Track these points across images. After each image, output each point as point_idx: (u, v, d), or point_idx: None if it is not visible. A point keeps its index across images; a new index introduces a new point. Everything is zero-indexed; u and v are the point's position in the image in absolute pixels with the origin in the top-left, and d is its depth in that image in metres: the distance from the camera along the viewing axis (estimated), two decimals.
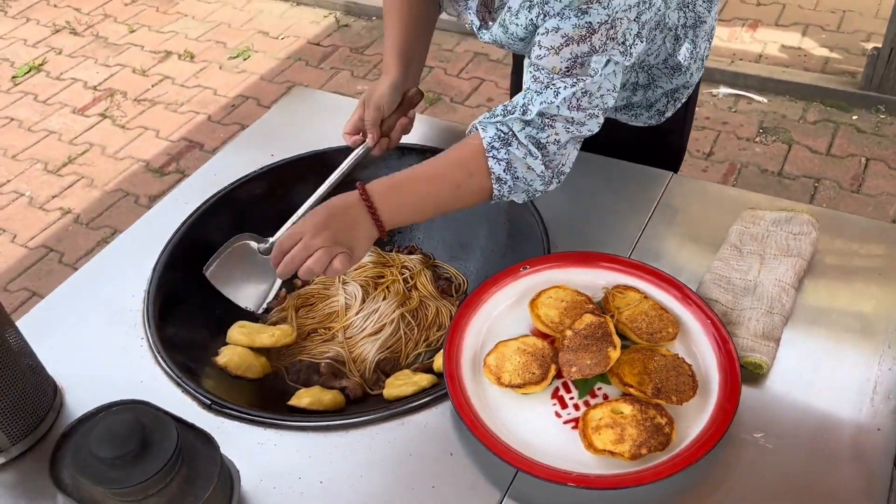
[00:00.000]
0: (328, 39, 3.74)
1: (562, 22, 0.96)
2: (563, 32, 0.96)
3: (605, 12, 0.93)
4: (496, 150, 1.01)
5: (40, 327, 1.07)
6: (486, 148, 1.01)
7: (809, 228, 1.08)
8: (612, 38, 0.95)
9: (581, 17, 0.94)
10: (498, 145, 1.01)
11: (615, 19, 0.94)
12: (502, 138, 1.01)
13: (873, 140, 2.82)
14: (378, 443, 0.92)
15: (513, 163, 1.01)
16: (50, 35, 4.00)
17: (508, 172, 1.01)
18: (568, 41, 0.96)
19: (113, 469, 0.78)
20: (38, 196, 2.95)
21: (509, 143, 1.01)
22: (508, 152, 1.01)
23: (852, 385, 0.92)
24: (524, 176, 1.02)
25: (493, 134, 1.01)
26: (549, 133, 1.00)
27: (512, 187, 1.03)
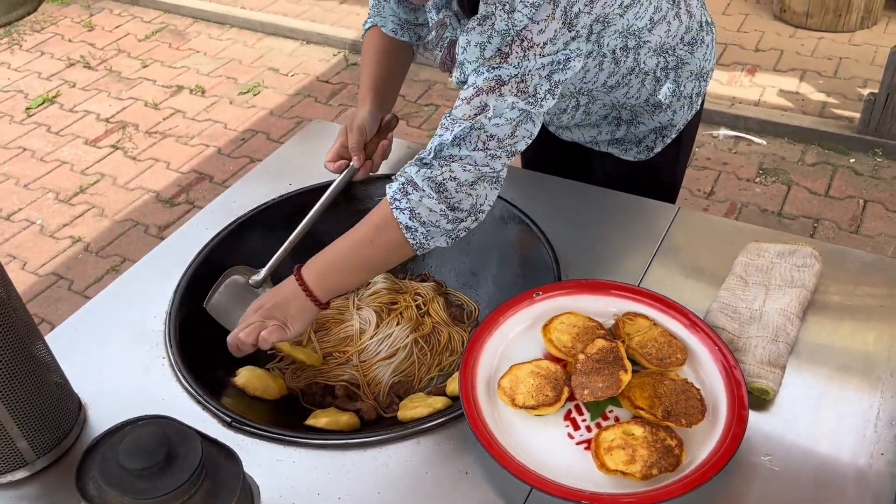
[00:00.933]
0: (337, 77, 3.83)
1: (476, 77, 1.02)
2: (476, 86, 1.01)
3: (516, 70, 0.99)
4: (398, 200, 1.05)
5: (66, 346, 1.09)
6: (389, 201, 1.06)
7: (812, 261, 1.12)
8: (522, 90, 1.00)
9: (492, 71, 1.00)
10: (399, 196, 1.05)
11: (525, 75, 0.99)
12: (402, 189, 1.06)
13: (871, 182, 2.88)
14: (395, 461, 0.94)
15: (415, 209, 1.04)
16: (64, 68, 4.09)
17: (415, 220, 1.05)
18: (478, 91, 1.01)
19: (139, 480, 0.80)
20: (49, 224, 3.00)
21: (407, 191, 1.05)
22: (409, 200, 1.05)
23: (856, 411, 0.95)
24: (430, 219, 1.05)
25: (396, 187, 1.07)
26: (443, 171, 1.03)
27: (425, 233, 1.06)
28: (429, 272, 1.36)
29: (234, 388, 1.11)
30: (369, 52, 1.38)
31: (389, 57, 1.38)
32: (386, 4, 1.33)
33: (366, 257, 1.10)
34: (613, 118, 1.31)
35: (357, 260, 1.10)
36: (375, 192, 1.38)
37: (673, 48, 1.20)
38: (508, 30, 0.97)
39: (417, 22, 1.35)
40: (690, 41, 1.22)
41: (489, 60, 1.00)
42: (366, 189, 1.38)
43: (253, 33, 4.31)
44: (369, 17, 1.39)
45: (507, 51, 0.98)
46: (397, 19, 1.34)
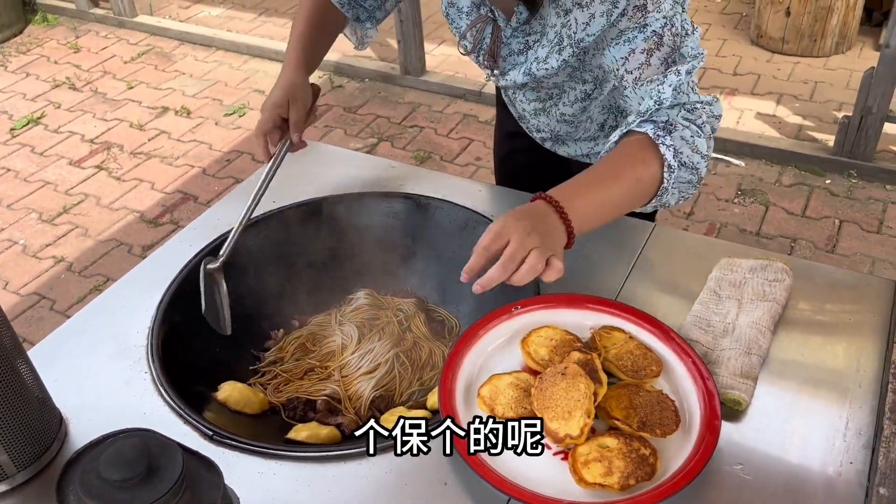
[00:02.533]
0: (322, 99, 3.86)
1: (631, 44, 1.04)
2: (639, 49, 1.03)
3: (661, 16, 1.02)
4: (662, 137, 1.03)
5: (47, 360, 1.10)
6: (653, 137, 1.03)
7: (784, 276, 1.15)
8: (675, 33, 1.04)
9: (644, 30, 1.03)
10: (662, 133, 1.03)
11: (670, 18, 1.03)
12: (664, 127, 1.04)
13: (846, 203, 2.94)
14: (375, 473, 0.95)
15: (679, 148, 1.03)
16: (49, 90, 4.10)
17: (676, 158, 1.04)
18: (649, 53, 1.03)
19: (120, 491, 0.81)
20: (32, 244, 2.99)
21: (671, 129, 1.04)
22: (673, 138, 1.03)
23: (826, 422, 0.98)
24: (689, 161, 1.04)
25: (653, 126, 1.04)
26: (696, 115, 1.06)
27: (675, 179, 1.04)
28: (410, 288, 1.38)
29: (215, 402, 1.12)
30: (307, 13, 1.33)
31: (326, 23, 1.34)
32: None
33: (628, 195, 1.04)
34: (610, 127, 1.34)
35: (619, 197, 1.03)
36: (357, 209, 1.40)
37: None
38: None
39: (362, 3, 1.34)
40: None
41: (631, 19, 1.02)
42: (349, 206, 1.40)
43: (239, 55, 4.34)
44: None
45: (642, 2, 1.01)
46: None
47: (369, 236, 1.40)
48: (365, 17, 1.38)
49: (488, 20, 1.20)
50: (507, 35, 1.20)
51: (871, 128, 2.94)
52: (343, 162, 1.56)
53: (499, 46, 1.22)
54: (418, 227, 1.39)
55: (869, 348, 1.07)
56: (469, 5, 1.22)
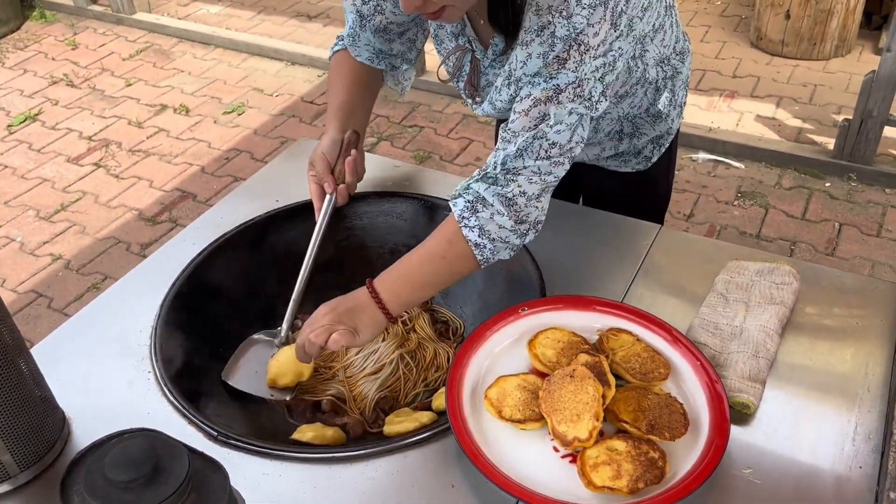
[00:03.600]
0: (321, 98, 3.85)
1: (532, 88, 1.03)
2: (532, 97, 1.03)
3: (574, 75, 1.00)
4: (466, 219, 1.06)
5: (50, 359, 1.09)
6: (458, 219, 1.07)
7: (791, 279, 1.15)
8: (578, 95, 1.02)
9: (549, 81, 1.01)
10: (467, 214, 1.06)
11: (581, 80, 1.01)
12: (470, 206, 1.06)
13: (846, 206, 2.94)
14: (381, 475, 0.94)
15: (484, 227, 1.06)
16: (47, 86, 4.08)
17: (484, 237, 1.07)
18: (536, 102, 1.02)
19: (125, 492, 0.80)
20: (30, 242, 2.97)
21: (476, 209, 1.06)
22: (478, 218, 1.06)
23: (834, 426, 0.97)
24: (499, 236, 1.07)
25: (462, 205, 1.07)
26: (513, 187, 1.05)
27: (492, 249, 1.08)
28: None
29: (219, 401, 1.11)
30: (338, 76, 1.37)
31: (359, 81, 1.36)
32: (362, 34, 1.31)
33: (437, 271, 1.10)
34: (616, 132, 1.34)
35: (429, 274, 1.10)
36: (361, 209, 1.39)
37: (668, 58, 1.23)
38: (569, 35, 0.98)
39: (392, 52, 1.35)
40: (681, 50, 1.27)
41: (547, 68, 1.01)
42: (352, 206, 1.39)
43: (238, 54, 4.33)
44: (340, 41, 1.37)
45: (565, 56, 0.99)
46: (372, 49, 1.33)
47: (373, 236, 1.40)
48: (399, 62, 1.38)
49: (467, 50, 1.19)
50: (485, 65, 1.19)
51: (871, 131, 2.94)
52: None
53: (478, 76, 1.21)
54: (424, 227, 1.38)
55: (877, 352, 1.07)
56: (450, 34, 1.21)
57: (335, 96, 1.35)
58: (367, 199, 1.39)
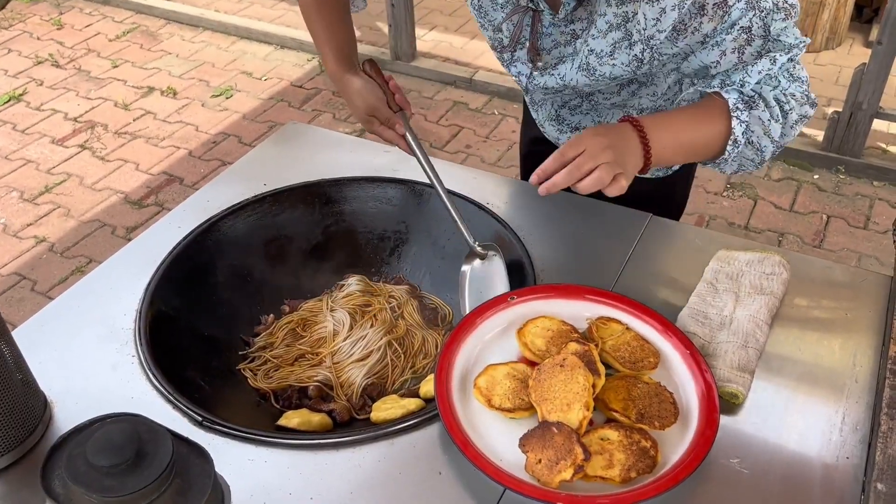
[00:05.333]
0: (311, 82, 3.82)
1: (720, 46, 0.99)
2: (729, 50, 0.99)
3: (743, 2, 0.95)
4: (740, 111, 1.02)
5: (31, 342, 1.07)
6: (731, 108, 1.02)
7: (781, 269, 1.14)
8: (764, 17, 0.97)
9: (731, 30, 0.98)
10: (742, 107, 1.02)
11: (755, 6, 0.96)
12: (746, 101, 1.02)
13: (834, 198, 2.95)
14: (368, 462, 0.93)
15: (752, 126, 1.03)
16: (32, 66, 4.02)
17: (745, 136, 1.03)
18: (740, 51, 0.99)
19: (108, 478, 0.79)
20: (13, 224, 2.93)
21: (752, 105, 1.02)
22: (751, 115, 1.02)
23: (822, 416, 0.97)
24: (757, 142, 1.03)
25: (737, 97, 1.03)
26: (786, 102, 1.02)
27: (737, 154, 1.04)
28: (403, 275, 1.36)
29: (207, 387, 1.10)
30: (317, 10, 1.28)
31: (339, 9, 1.29)
32: None
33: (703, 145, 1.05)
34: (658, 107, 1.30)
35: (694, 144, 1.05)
36: (350, 194, 1.38)
37: None
38: None
39: None
40: None
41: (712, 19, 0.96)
42: (341, 191, 1.37)
43: (226, 36, 4.28)
44: None
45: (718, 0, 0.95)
46: None
47: (362, 222, 1.38)
48: None
49: (528, 10, 1.13)
50: (545, 24, 1.13)
51: (861, 124, 2.95)
52: (336, 146, 1.53)
53: (540, 38, 1.15)
54: (412, 213, 1.37)
55: (865, 343, 1.07)
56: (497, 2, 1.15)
57: (330, 39, 1.28)
58: (356, 183, 1.38)
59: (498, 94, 3.65)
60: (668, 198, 1.43)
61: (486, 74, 3.73)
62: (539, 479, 0.85)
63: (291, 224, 1.35)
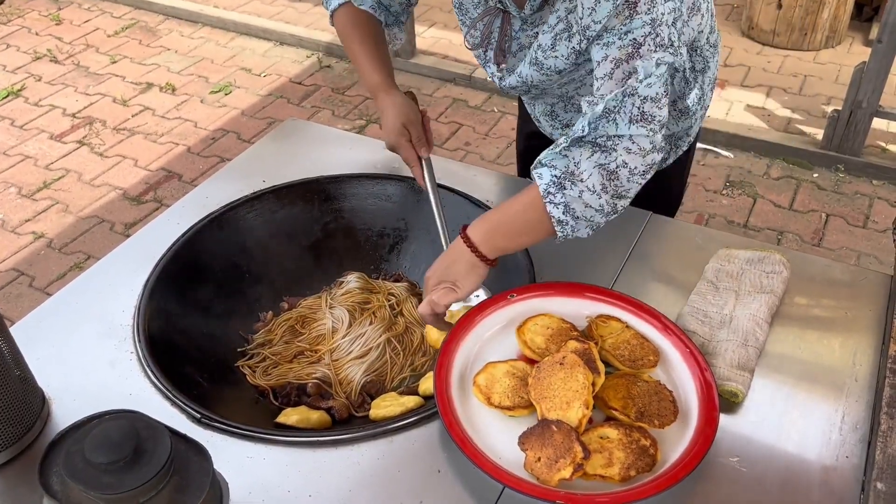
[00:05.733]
0: (310, 79, 3.81)
1: (608, 49, 0.98)
2: (611, 58, 0.98)
3: (649, 18, 0.95)
4: (552, 195, 1.01)
5: (30, 339, 1.07)
6: (543, 194, 1.02)
7: (781, 268, 1.14)
8: (659, 44, 0.96)
9: (625, 37, 0.96)
10: (553, 190, 1.01)
11: (657, 24, 0.95)
12: (557, 182, 1.01)
13: (833, 197, 2.95)
14: (367, 459, 0.93)
15: (570, 204, 1.02)
16: (30, 62, 4.00)
17: (568, 214, 1.02)
18: (617, 63, 0.97)
19: (105, 475, 0.78)
20: (11, 219, 2.92)
21: (564, 185, 1.01)
22: (564, 195, 1.01)
23: (822, 415, 0.97)
24: (583, 214, 1.03)
25: (549, 179, 1.02)
26: (615, 157, 0.99)
27: (574, 226, 1.04)
28: (402, 272, 1.36)
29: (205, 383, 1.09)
30: (358, 31, 1.31)
31: (378, 33, 1.33)
32: None
33: (532, 221, 1.06)
34: None
35: (522, 223, 1.07)
36: (350, 190, 1.37)
37: (701, 47, 1.20)
38: None
39: (390, 9, 1.34)
40: (714, 43, 1.24)
41: (618, 16, 0.95)
42: (341, 188, 1.37)
43: (225, 33, 4.27)
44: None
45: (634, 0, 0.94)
46: None
47: (361, 219, 1.38)
48: (392, 21, 1.37)
49: (498, 12, 1.15)
50: (515, 28, 1.15)
51: (860, 123, 2.95)
52: (335, 142, 1.53)
53: (508, 41, 1.17)
54: (411, 210, 1.37)
55: (865, 343, 1.07)
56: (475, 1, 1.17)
57: (371, 58, 1.31)
58: (355, 180, 1.38)
59: (497, 92, 3.64)
60: (665, 190, 1.43)
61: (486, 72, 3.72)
62: (538, 478, 0.85)
63: (290, 221, 1.35)
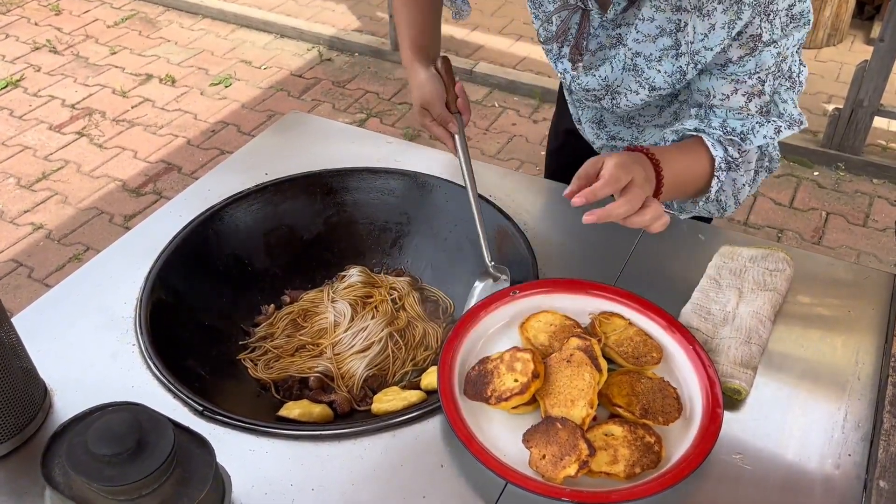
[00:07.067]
0: (310, 72, 3.80)
1: (737, 84, 1.01)
2: (742, 91, 1.02)
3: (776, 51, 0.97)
4: (721, 171, 1.06)
5: (31, 330, 1.06)
6: (717, 167, 1.06)
7: (784, 265, 1.14)
8: (782, 75, 1.01)
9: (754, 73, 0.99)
10: (724, 167, 1.06)
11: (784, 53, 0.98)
12: (729, 162, 1.06)
13: (833, 196, 2.95)
14: (370, 453, 0.93)
15: (724, 187, 1.06)
16: (29, 52, 3.99)
17: (717, 194, 1.07)
18: (749, 98, 1.02)
19: (108, 467, 0.78)
20: (10, 210, 2.92)
21: (734, 167, 1.05)
22: (727, 175, 1.06)
23: (824, 414, 0.97)
24: (723, 201, 1.07)
25: (723, 156, 1.06)
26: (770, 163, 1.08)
27: (700, 207, 1.08)
28: (404, 267, 1.36)
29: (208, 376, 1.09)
30: (405, 5, 1.32)
31: (424, 3, 1.32)
32: None
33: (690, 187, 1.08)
34: None
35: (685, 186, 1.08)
36: (352, 184, 1.37)
37: None
38: None
39: None
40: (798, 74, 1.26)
41: (742, 46, 0.95)
42: (343, 182, 1.37)
43: (226, 24, 4.25)
44: None
45: (757, 31, 0.94)
46: None
47: (364, 213, 1.38)
48: None
49: (577, 9, 1.11)
50: (595, 25, 1.12)
51: (861, 121, 2.95)
52: (337, 136, 1.52)
53: (586, 38, 1.14)
54: (414, 205, 1.37)
55: (867, 341, 1.07)
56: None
57: (408, 29, 1.30)
58: (358, 174, 1.37)
59: (499, 87, 3.64)
60: None
61: (487, 66, 3.72)
62: (543, 475, 0.85)
63: (293, 214, 1.34)
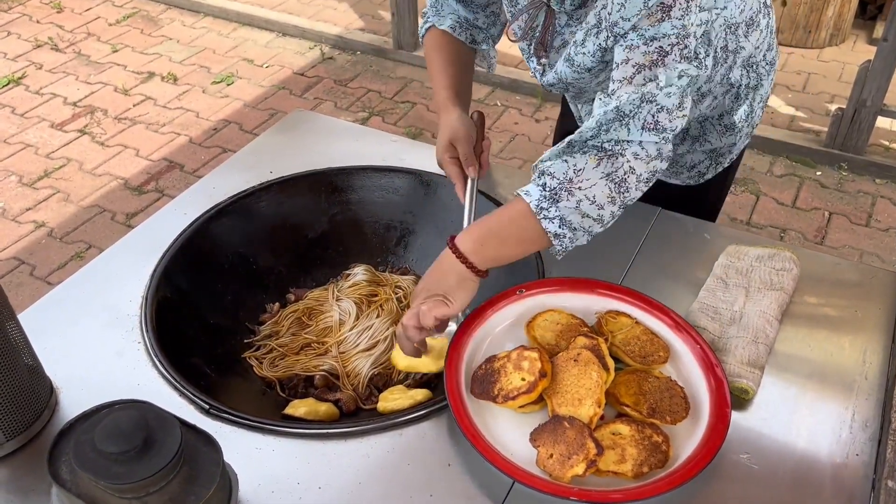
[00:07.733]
0: (313, 71, 3.80)
1: (631, 52, 0.94)
2: (633, 62, 0.94)
3: (680, 23, 0.91)
4: (545, 209, 0.99)
5: (37, 328, 1.06)
6: (535, 210, 0.99)
7: (791, 265, 1.14)
8: (685, 56, 0.93)
9: (651, 43, 0.93)
10: (546, 205, 0.99)
11: (687, 34, 0.92)
12: (550, 196, 0.99)
13: (836, 195, 2.95)
14: (376, 452, 0.93)
15: (566, 217, 0.99)
16: (31, 50, 3.98)
17: (564, 227, 0.99)
18: (639, 68, 0.94)
19: (116, 465, 0.78)
20: (12, 208, 2.91)
21: (558, 198, 0.98)
22: (559, 209, 0.98)
23: (832, 413, 0.97)
24: (581, 225, 0.99)
25: (539, 194, 1.00)
26: (622, 162, 0.96)
27: (572, 238, 1.01)
28: (409, 266, 1.36)
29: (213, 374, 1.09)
30: (436, 52, 1.32)
31: (457, 54, 1.32)
32: (445, 2, 1.30)
33: (527, 230, 1.01)
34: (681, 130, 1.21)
35: (517, 232, 1.02)
36: (357, 182, 1.37)
37: (756, 63, 1.18)
38: None
39: (476, 24, 1.31)
40: (771, 60, 1.21)
41: (650, 17, 0.92)
42: (348, 180, 1.37)
43: (227, 23, 4.25)
44: (426, 19, 1.33)
45: (669, 2, 0.91)
46: (456, 17, 1.30)
47: (368, 211, 1.37)
48: (481, 38, 1.34)
49: (542, 5, 1.12)
50: (560, 24, 1.12)
51: (864, 121, 2.94)
52: (342, 134, 1.52)
53: (551, 35, 1.14)
54: (419, 203, 1.37)
55: (874, 341, 1.06)
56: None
57: (441, 76, 1.30)
58: (363, 172, 1.37)
59: (500, 86, 3.63)
60: (703, 203, 1.40)
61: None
62: (551, 474, 0.85)
63: (297, 212, 1.34)
